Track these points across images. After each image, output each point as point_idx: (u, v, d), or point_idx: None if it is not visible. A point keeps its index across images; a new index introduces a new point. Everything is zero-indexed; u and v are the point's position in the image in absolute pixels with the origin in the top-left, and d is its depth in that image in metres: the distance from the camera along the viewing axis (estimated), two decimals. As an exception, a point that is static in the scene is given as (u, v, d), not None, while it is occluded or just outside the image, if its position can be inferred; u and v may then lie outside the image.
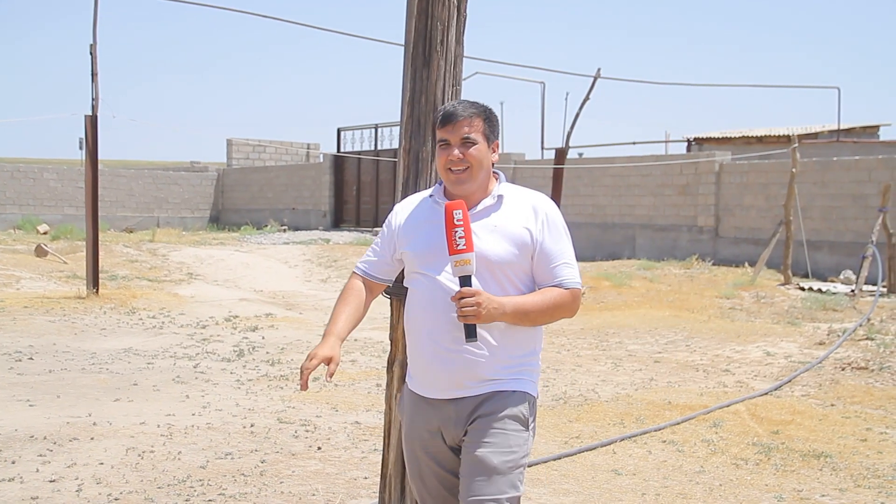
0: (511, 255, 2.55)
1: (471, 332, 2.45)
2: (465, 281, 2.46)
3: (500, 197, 2.63)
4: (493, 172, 2.70)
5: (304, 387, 2.61)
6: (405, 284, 2.72)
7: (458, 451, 2.62)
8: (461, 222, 2.45)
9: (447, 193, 2.65)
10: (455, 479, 2.62)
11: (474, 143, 2.59)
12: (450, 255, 2.46)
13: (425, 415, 2.64)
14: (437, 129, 2.63)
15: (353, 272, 2.83)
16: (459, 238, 2.44)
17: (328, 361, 2.60)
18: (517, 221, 2.59)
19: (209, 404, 6.11)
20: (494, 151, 2.67)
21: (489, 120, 2.64)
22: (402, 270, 2.76)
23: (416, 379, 2.67)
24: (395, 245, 2.72)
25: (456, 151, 2.58)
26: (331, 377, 2.63)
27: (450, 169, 2.60)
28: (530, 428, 2.62)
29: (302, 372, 2.58)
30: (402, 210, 2.77)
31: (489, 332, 2.53)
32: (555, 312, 2.59)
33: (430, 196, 2.71)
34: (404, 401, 2.75)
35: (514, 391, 2.57)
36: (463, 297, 2.43)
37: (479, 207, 2.61)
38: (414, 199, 2.80)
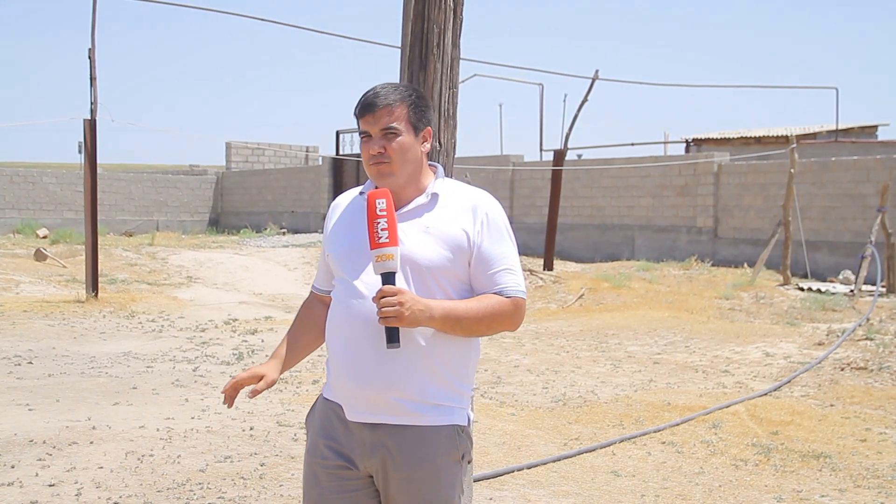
0: (444, 259, 2.25)
1: (392, 336, 2.17)
2: (387, 279, 2.17)
3: (434, 195, 2.32)
4: (431, 165, 2.40)
5: (228, 398, 2.48)
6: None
7: (367, 478, 2.32)
8: (384, 213, 2.17)
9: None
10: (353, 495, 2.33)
11: (397, 135, 2.26)
12: (371, 249, 2.17)
13: (336, 433, 2.32)
14: (358, 119, 2.30)
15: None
16: (382, 230, 2.16)
17: (259, 378, 2.43)
18: (453, 222, 2.28)
19: (208, 408, 6.11)
20: (426, 140, 2.34)
21: (416, 105, 2.31)
22: None
23: (333, 391, 2.36)
24: (325, 249, 2.45)
25: (376, 146, 2.27)
26: (254, 395, 2.47)
27: (372, 163, 2.29)
28: (464, 459, 2.33)
29: (232, 381, 2.46)
30: (335, 209, 2.45)
31: (415, 340, 2.22)
32: (492, 322, 2.27)
33: (361, 193, 2.38)
34: (316, 413, 2.42)
35: (442, 426, 2.27)
36: (384, 297, 2.14)
37: (411, 206, 2.30)
38: (349, 195, 2.47)
